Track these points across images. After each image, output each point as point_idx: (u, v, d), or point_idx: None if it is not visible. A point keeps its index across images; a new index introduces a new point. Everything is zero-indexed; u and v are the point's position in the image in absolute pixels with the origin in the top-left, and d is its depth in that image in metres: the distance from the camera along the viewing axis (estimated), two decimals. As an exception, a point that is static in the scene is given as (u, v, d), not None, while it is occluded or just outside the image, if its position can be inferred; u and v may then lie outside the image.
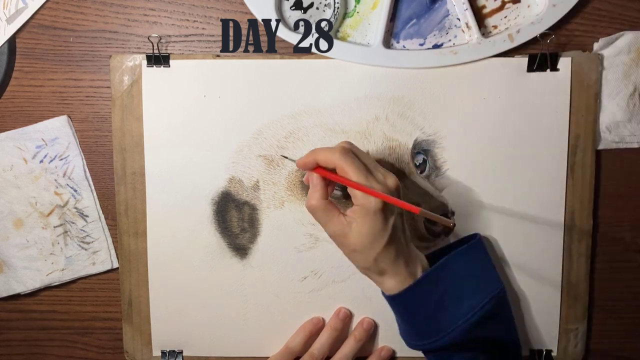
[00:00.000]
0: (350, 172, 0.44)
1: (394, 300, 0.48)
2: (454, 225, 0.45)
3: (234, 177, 0.55)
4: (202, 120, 0.54)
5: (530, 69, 0.53)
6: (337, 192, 0.53)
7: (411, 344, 0.49)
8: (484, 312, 0.48)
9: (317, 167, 0.47)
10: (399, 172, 0.54)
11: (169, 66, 0.53)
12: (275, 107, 0.54)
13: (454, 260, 0.50)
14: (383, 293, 0.49)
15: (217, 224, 0.55)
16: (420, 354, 0.50)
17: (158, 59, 0.53)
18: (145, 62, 0.53)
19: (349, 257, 0.48)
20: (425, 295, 0.47)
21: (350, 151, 0.46)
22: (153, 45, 0.53)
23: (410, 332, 0.49)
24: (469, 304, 0.48)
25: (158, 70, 0.53)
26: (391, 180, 0.46)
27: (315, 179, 0.46)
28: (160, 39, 0.54)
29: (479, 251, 0.53)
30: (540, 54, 0.52)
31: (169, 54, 0.53)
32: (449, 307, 0.47)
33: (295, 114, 0.54)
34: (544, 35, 0.52)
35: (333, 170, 0.46)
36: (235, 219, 0.55)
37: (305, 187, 0.54)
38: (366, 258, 0.46)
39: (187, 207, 0.55)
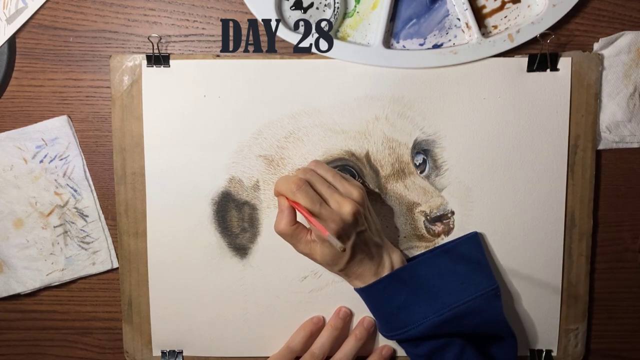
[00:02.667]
0: (301, 207, 0.47)
1: (358, 292, 0.52)
2: (344, 249, 0.47)
3: (234, 177, 0.55)
4: (202, 120, 0.54)
5: (530, 69, 0.53)
6: None
7: (383, 334, 0.53)
8: (463, 309, 0.50)
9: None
10: (399, 172, 0.54)
11: (169, 66, 0.53)
12: (275, 107, 0.54)
13: (434, 258, 0.53)
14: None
15: (217, 224, 0.55)
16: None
17: (158, 59, 0.53)
18: (145, 62, 0.53)
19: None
20: (389, 292, 0.50)
21: (305, 183, 0.48)
22: (153, 45, 0.53)
23: (379, 323, 0.53)
24: (445, 300, 0.50)
25: (158, 70, 0.53)
26: (346, 206, 0.47)
27: (282, 205, 0.49)
28: (160, 39, 0.54)
29: (470, 249, 0.54)
30: (540, 54, 0.52)
31: (169, 54, 0.53)
32: (421, 302, 0.50)
33: (295, 114, 0.54)
34: (544, 35, 0.52)
35: None
36: (235, 219, 0.55)
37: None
38: (332, 270, 0.51)
39: (187, 207, 0.55)
